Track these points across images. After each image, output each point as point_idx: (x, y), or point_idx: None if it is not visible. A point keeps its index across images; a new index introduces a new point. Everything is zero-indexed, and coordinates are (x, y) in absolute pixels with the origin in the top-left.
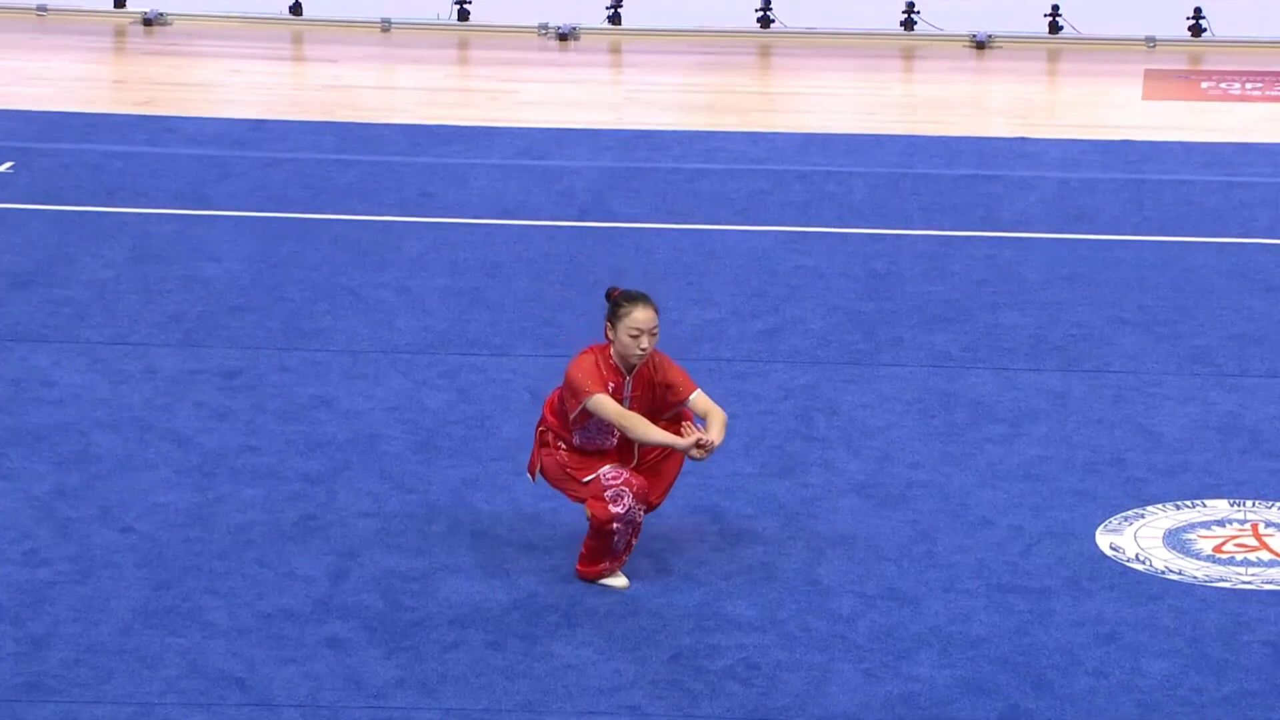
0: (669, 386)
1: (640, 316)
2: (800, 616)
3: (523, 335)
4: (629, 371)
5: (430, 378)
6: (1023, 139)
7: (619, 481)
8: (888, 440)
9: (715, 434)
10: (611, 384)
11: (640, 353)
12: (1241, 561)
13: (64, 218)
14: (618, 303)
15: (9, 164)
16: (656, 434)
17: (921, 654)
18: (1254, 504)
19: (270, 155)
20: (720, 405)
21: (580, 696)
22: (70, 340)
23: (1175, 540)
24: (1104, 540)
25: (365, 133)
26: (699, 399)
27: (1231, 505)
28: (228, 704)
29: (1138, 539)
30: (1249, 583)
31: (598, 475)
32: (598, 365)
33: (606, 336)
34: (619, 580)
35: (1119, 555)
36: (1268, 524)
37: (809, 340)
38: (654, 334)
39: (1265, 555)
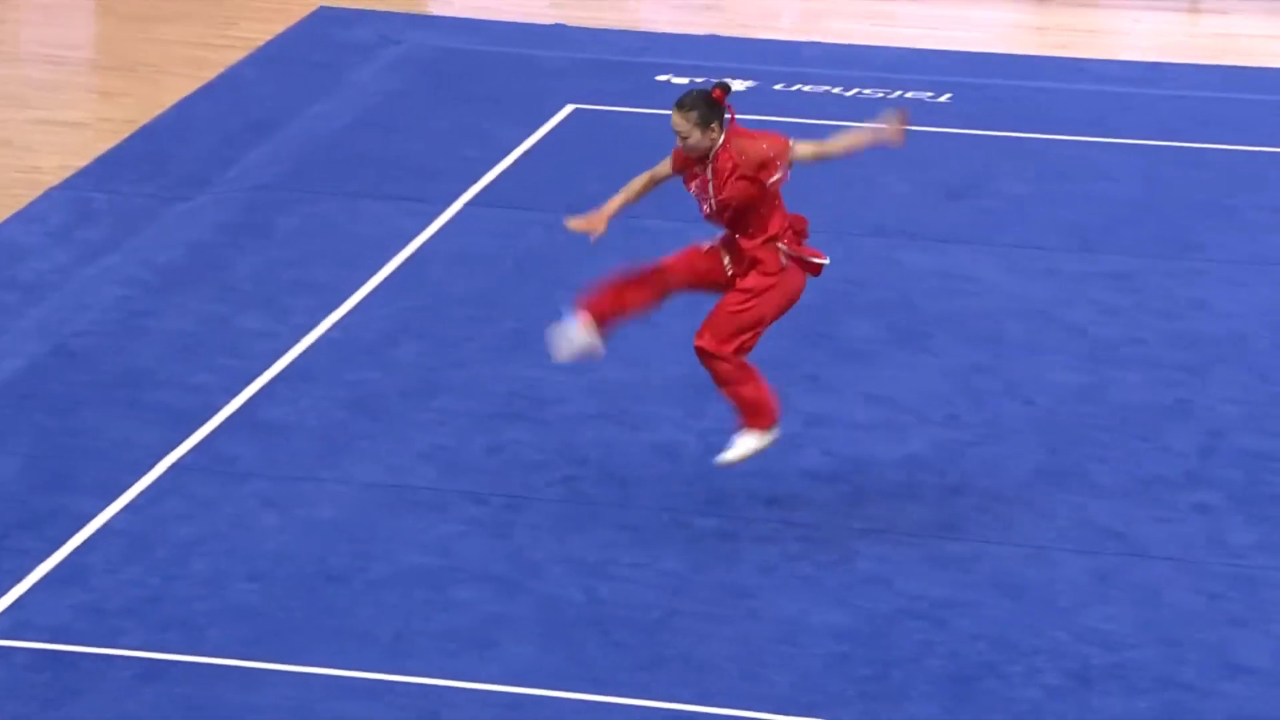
0: (762, 164)
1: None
2: None
3: None
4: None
5: None
6: None
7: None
8: None
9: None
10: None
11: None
12: None
13: (988, 142)
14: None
15: (948, 94)
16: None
17: None
18: None
19: (1164, 93)
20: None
21: None
22: (988, 243)
23: None
24: None
25: (1249, 75)
26: (800, 145)
27: None
28: (1108, 552)
29: None
30: None
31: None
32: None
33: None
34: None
35: None
36: None
37: None
38: (684, 138)
39: None
